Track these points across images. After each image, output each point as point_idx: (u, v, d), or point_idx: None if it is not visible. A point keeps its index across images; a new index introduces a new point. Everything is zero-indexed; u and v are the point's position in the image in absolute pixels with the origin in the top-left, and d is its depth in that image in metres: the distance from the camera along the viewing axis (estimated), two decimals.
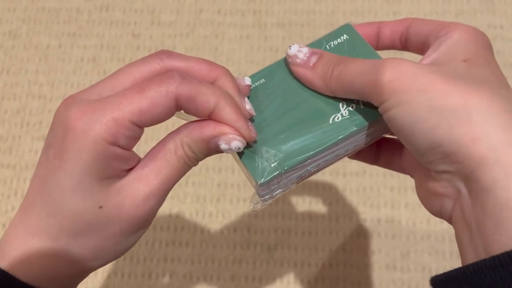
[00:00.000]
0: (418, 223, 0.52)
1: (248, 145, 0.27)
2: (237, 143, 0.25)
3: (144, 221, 0.25)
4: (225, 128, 0.25)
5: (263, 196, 0.27)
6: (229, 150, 0.25)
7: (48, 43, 0.62)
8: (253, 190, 0.28)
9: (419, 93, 0.23)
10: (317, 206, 0.53)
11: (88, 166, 0.23)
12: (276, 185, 0.27)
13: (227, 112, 0.24)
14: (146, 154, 0.26)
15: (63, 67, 0.61)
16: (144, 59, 0.26)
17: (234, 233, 0.52)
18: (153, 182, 0.25)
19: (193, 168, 0.27)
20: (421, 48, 0.28)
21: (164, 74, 0.24)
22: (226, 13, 0.63)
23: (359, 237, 0.52)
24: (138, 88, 0.24)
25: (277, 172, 0.26)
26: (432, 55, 0.25)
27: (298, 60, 0.28)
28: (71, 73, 0.60)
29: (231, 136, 0.25)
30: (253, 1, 0.64)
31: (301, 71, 0.28)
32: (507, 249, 0.20)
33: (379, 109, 0.25)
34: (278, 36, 0.62)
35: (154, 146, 0.26)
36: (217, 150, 0.25)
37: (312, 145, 0.27)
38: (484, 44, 0.25)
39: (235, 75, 0.27)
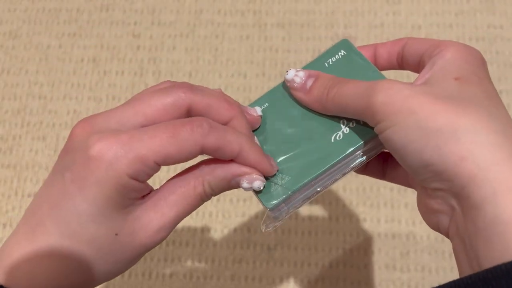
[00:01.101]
0: (418, 223, 0.52)
1: None
2: (259, 183, 0.26)
3: (150, 249, 0.26)
4: (247, 169, 0.26)
5: (273, 218, 0.28)
6: (250, 189, 0.26)
7: (48, 43, 0.62)
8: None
9: (409, 115, 0.23)
10: (317, 206, 0.53)
11: (109, 196, 0.24)
12: (285, 207, 0.28)
13: (251, 156, 0.26)
14: (164, 185, 0.26)
15: (63, 67, 0.61)
16: (166, 91, 0.26)
17: (234, 233, 0.52)
18: (168, 215, 0.25)
19: None
20: (417, 67, 0.28)
21: (194, 122, 0.24)
22: (226, 13, 0.63)
23: (359, 237, 0.52)
24: (169, 132, 0.24)
25: (285, 196, 0.27)
26: (425, 75, 0.26)
27: (295, 84, 0.29)
28: (71, 73, 0.61)
29: (254, 176, 0.26)
30: (253, 1, 0.64)
31: (299, 95, 0.29)
32: (499, 262, 0.21)
33: (374, 129, 0.25)
34: (278, 36, 0.62)
35: (173, 178, 0.26)
36: (236, 187, 0.27)
37: (317, 166, 0.28)
38: (477, 62, 0.26)
39: (235, 76, 0.27)
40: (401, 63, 0.30)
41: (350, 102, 0.26)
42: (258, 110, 0.29)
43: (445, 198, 0.24)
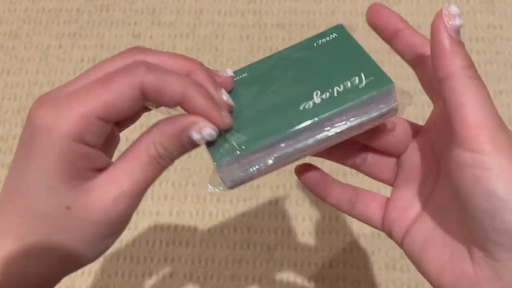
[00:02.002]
0: None
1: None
2: (208, 131, 0.24)
3: (115, 225, 0.24)
4: (195, 118, 0.24)
5: (222, 179, 0.26)
6: (202, 140, 0.24)
7: (48, 43, 0.62)
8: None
9: None
10: (317, 206, 0.53)
11: (54, 165, 0.22)
12: (238, 170, 0.26)
13: (196, 100, 0.23)
14: (120, 156, 0.25)
15: (64, 68, 0.61)
16: (117, 55, 0.25)
17: (234, 233, 0.52)
18: (123, 184, 0.24)
19: (193, 168, 0.26)
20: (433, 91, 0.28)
21: (128, 65, 0.23)
22: (226, 13, 0.63)
23: (359, 237, 0.52)
24: (102, 81, 0.23)
25: (236, 153, 0.25)
26: None
27: (450, 23, 0.24)
28: (72, 74, 0.61)
29: (201, 124, 0.24)
30: (253, 1, 0.64)
31: (442, 31, 0.25)
32: None
33: (462, 156, 0.22)
34: (278, 36, 0.62)
35: (128, 148, 0.25)
36: (191, 143, 0.24)
37: (276, 130, 0.25)
38: None
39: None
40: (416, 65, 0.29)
41: (479, 101, 0.23)
42: (228, 71, 0.28)
43: (501, 274, 0.22)
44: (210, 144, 0.25)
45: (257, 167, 0.26)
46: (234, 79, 0.29)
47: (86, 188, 0.23)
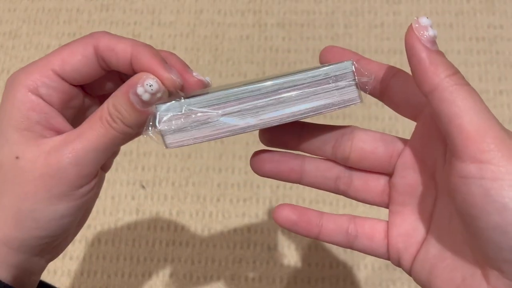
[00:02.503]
0: None
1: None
2: (149, 81, 0.23)
3: (61, 183, 0.24)
4: (142, 73, 0.23)
5: (159, 123, 0.24)
6: (146, 93, 0.23)
7: (48, 43, 0.62)
8: None
9: None
10: (317, 206, 0.53)
11: (9, 113, 0.24)
12: (180, 119, 0.24)
13: (144, 57, 0.24)
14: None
15: None
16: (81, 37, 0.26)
17: (234, 233, 0.52)
18: (72, 143, 0.24)
19: (193, 168, 0.26)
20: (404, 109, 0.26)
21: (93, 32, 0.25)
22: (226, 13, 0.63)
23: None
24: (66, 43, 0.25)
25: (178, 100, 0.24)
26: None
27: (423, 33, 0.23)
28: None
29: (144, 76, 0.23)
30: (253, 1, 0.64)
31: (418, 43, 0.23)
32: None
33: (465, 168, 0.21)
34: (278, 36, 0.62)
35: None
36: (138, 102, 0.23)
37: (223, 89, 0.24)
38: None
39: (235, 76, 0.27)
40: (378, 95, 0.27)
41: (473, 109, 0.21)
42: (206, 79, 0.26)
43: None
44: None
45: (195, 117, 0.24)
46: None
47: (38, 143, 0.24)
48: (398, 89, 0.26)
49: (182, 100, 0.24)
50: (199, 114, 0.24)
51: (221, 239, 0.52)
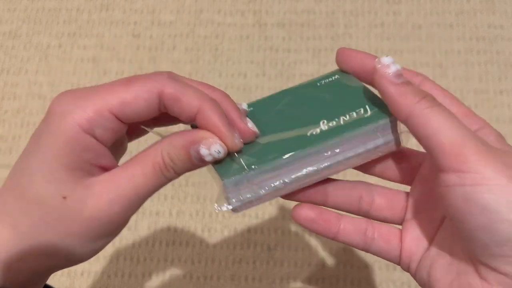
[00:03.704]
0: None
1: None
2: (216, 147, 0.24)
3: (108, 226, 0.24)
4: (206, 133, 0.24)
5: (230, 198, 0.26)
6: (209, 156, 0.24)
7: (48, 43, 0.62)
8: None
9: (511, 181, 0.21)
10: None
11: (60, 151, 0.22)
12: (246, 189, 0.26)
13: (210, 116, 0.24)
14: (126, 161, 0.25)
15: (63, 67, 0.61)
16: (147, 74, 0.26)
17: (234, 233, 0.52)
18: (122, 187, 0.23)
19: None
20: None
21: (153, 72, 0.24)
22: (226, 13, 0.63)
23: None
24: (124, 81, 0.23)
25: (244, 172, 0.25)
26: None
27: (387, 71, 0.25)
28: (71, 73, 0.61)
29: (211, 140, 0.24)
30: (253, 1, 0.64)
31: (385, 82, 0.25)
32: None
33: (450, 179, 0.23)
34: (278, 36, 0.62)
35: (137, 154, 0.25)
36: (198, 158, 0.24)
37: (283, 152, 0.26)
38: None
39: (235, 76, 0.27)
40: None
41: (446, 126, 0.23)
42: (243, 105, 0.28)
43: (510, 287, 0.22)
44: (217, 163, 0.26)
45: (263, 190, 0.26)
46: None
47: (86, 182, 0.23)
48: None
49: (250, 173, 0.25)
50: (266, 188, 0.26)
51: (221, 239, 0.52)
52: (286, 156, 0.26)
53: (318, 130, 0.27)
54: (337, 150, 0.27)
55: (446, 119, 0.23)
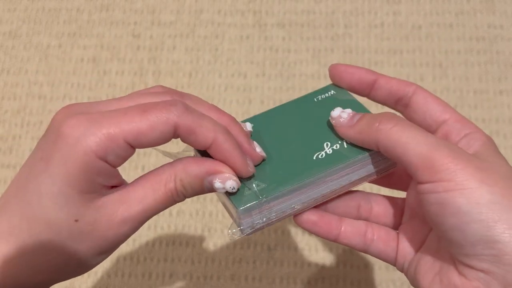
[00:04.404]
0: None
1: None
2: (232, 183, 0.25)
3: (114, 244, 0.25)
4: (222, 167, 0.25)
5: (242, 225, 0.27)
6: (223, 189, 0.25)
7: (48, 43, 0.62)
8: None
9: (482, 184, 0.23)
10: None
11: (72, 176, 0.22)
12: (258, 215, 0.27)
13: (225, 147, 0.24)
14: (137, 179, 0.25)
15: (63, 67, 0.61)
16: (153, 90, 0.26)
17: None
18: (134, 208, 0.24)
19: None
20: (422, 126, 0.29)
21: (168, 101, 0.24)
22: (226, 13, 0.63)
23: None
24: (140, 109, 0.23)
25: (258, 200, 0.26)
26: (471, 151, 0.26)
27: (341, 120, 0.28)
28: (71, 73, 0.61)
29: (227, 175, 0.25)
30: (253, 1, 0.64)
31: (344, 130, 0.28)
32: None
33: (424, 187, 0.24)
34: (278, 36, 0.62)
35: (147, 173, 0.25)
36: (210, 189, 0.25)
37: (293, 179, 0.27)
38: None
39: (235, 76, 0.27)
40: (403, 109, 0.30)
41: (412, 143, 0.24)
42: (248, 126, 0.29)
43: (488, 283, 0.23)
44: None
45: (276, 215, 0.27)
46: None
47: (97, 203, 0.24)
48: (418, 106, 0.29)
49: (262, 200, 0.26)
50: (276, 213, 0.28)
51: (221, 239, 0.52)
52: (297, 184, 0.27)
53: (323, 154, 0.28)
54: (342, 175, 0.28)
55: (409, 135, 0.25)
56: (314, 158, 0.28)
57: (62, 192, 0.22)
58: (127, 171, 0.54)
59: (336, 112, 0.29)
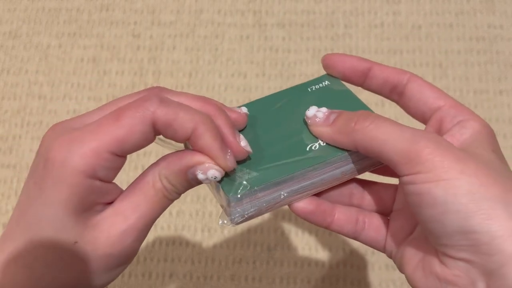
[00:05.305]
0: None
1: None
2: (213, 172, 0.24)
3: (123, 258, 0.24)
4: (201, 157, 0.24)
5: (233, 214, 0.26)
6: (207, 180, 0.24)
7: (48, 43, 0.62)
8: None
9: (461, 175, 0.23)
10: None
11: (65, 199, 0.22)
12: (248, 204, 0.26)
13: (204, 138, 0.23)
14: (127, 187, 0.25)
15: (63, 67, 0.61)
16: (136, 92, 0.25)
17: (234, 233, 0.52)
18: (130, 218, 0.24)
19: None
20: (417, 114, 0.29)
21: (142, 97, 0.23)
22: (226, 13, 0.63)
23: None
24: (114, 116, 0.23)
25: (249, 188, 0.26)
26: (457, 139, 0.26)
27: (317, 120, 0.28)
28: (71, 73, 0.61)
29: (207, 165, 0.24)
30: (253, 1, 0.64)
31: (320, 130, 0.28)
32: None
33: (404, 179, 0.24)
34: (278, 36, 0.62)
35: (135, 179, 0.25)
36: (197, 181, 0.25)
37: (285, 169, 0.27)
38: (495, 137, 0.27)
39: (235, 76, 0.27)
40: (397, 98, 0.30)
41: (389, 141, 0.24)
42: (243, 109, 0.28)
43: (468, 271, 0.23)
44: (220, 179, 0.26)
45: (266, 204, 0.27)
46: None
47: (94, 222, 0.23)
48: (413, 94, 0.29)
49: (254, 189, 0.26)
50: (267, 202, 0.27)
51: (221, 239, 0.52)
52: (289, 174, 0.27)
53: (317, 145, 0.28)
54: (338, 166, 0.28)
55: (386, 131, 0.25)
56: (308, 149, 0.28)
57: (57, 216, 0.22)
58: (127, 171, 0.54)
59: (311, 111, 0.28)
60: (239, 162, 0.27)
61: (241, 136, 0.26)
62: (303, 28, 0.62)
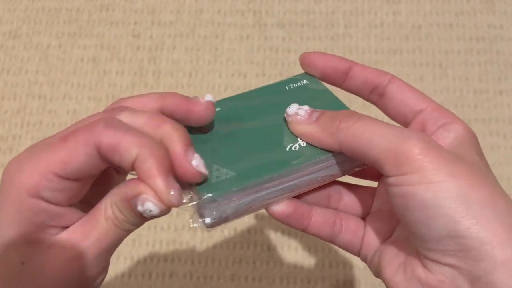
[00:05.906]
0: None
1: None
2: (149, 205, 0.21)
3: (74, 285, 0.23)
4: (141, 187, 0.21)
5: (207, 215, 0.25)
6: (146, 213, 0.22)
7: (48, 43, 0.62)
8: None
9: (450, 177, 0.22)
10: None
11: (11, 218, 0.22)
12: (224, 206, 0.25)
13: (146, 165, 0.21)
14: (84, 215, 0.24)
15: (63, 67, 0.61)
16: (95, 114, 0.24)
17: (234, 233, 0.52)
18: (80, 245, 0.22)
19: None
20: (398, 116, 0.28)
21: (93, 121, 0.22)
22: (226, 13, 0.63)
23: None
24: (61, 137, 0.22)
25: (225, 189, 0.24)
26: (444, 142, 0.25)
27: (299, 117, 0.27)
28: (71, 73, 0.61)
29: (144, 196, 0.21)
30: (253, 1, 0.64)
31: (302, 128, 0.27)
32: None
33: (390, 180, 0.23)
34: (278, 36, 0.62)
35: (95, 205, 0.24)
36: (139, 214, 0.23)
37: (264, 170, 0.25)
38: (477, 141, 0.26)
39: (235, 76, 0.27)
40: (377, 100, 0.29)
41: (374, 141, 0.23)
42: (208, 96, 0.26)
43: (453, 277, 0.22)
44: None
45: (244, 207, 0.25)
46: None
47: (45, 245, 0.22)
48: (393, 95, 0.28)
49: (230, 191, 0.24)
50: (243, 205, 0.25)
51: (221, 239, 0.52)
52: (268, 175, 0.25)
53: (297, 146, 0.27)
54: (318, 168, 0.27)
55: (372, 129, 0.24)
56: (287, 149, 0.26)
57: (7, 235, 0.22)
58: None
59: (293, 108, 0.27)
60: (218, 159, 0.25)
61: (196, 155, 0.24)
62: (303, 28, 0.62)
